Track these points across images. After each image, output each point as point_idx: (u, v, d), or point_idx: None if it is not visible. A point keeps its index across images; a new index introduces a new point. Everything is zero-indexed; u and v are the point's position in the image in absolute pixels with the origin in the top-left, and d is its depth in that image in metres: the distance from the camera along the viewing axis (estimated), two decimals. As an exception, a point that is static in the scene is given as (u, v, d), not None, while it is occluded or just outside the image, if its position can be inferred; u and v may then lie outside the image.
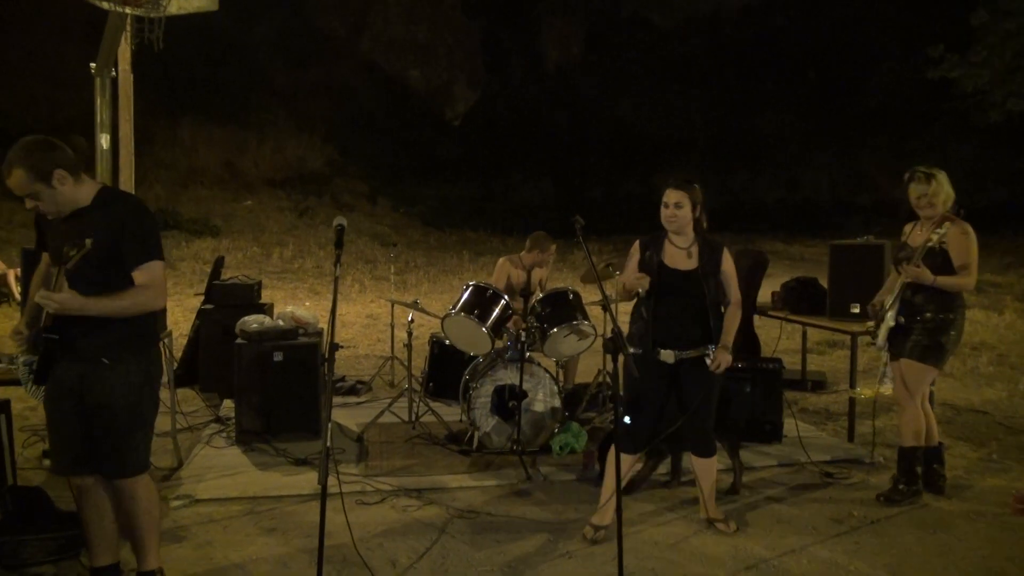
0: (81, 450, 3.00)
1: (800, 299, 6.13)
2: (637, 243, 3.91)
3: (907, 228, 4.50)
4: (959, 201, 4.34)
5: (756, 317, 6.84)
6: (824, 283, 5.98)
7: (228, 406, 5.88)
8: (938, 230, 4.13)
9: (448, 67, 27.86)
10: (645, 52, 28.92)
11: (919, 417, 4.35)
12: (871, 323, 4.54)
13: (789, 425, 5.36)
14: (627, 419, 3.78)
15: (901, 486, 4.35)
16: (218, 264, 7.40)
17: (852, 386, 5.35)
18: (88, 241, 2.83)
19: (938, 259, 4.17)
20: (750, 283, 6.88)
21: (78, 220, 2.92)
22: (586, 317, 5.08)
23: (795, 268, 14.19)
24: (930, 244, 4.13)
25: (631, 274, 3.84)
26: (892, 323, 4.32)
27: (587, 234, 3.63)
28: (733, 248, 4.23)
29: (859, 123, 27.35)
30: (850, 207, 24.79)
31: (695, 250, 3.82)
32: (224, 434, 5.39)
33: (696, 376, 3.76)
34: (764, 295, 6.83)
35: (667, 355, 3.71)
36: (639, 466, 4.36)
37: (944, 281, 4.14)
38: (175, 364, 5.92)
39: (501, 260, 6.11)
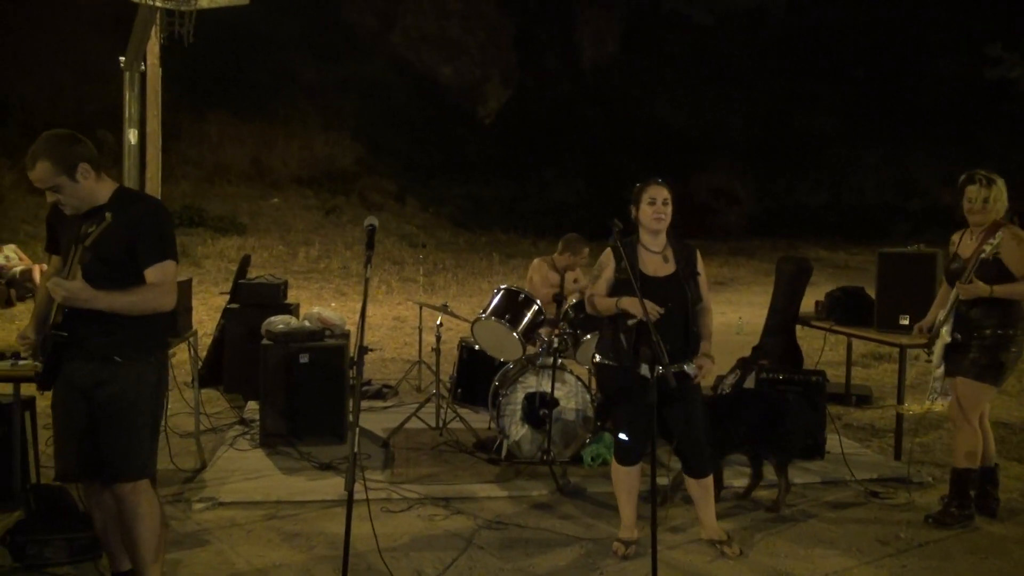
0: (90, 454, 3.00)
1: (845, 309, 6.05)
2: (608, 251, 3.79)
3: (955, 238, 4.41)
4: (1018, 211, 4.25)
5: (799, 327, 6.77)
6: (871, 293, 5.89)
7: (252, 408, 5.94)
8: (991, 240, 4.04)
9: (480, 63, 27.95)
10: (684, 49, 28.76)
11: (974, 437, 4.26)
12: (923, 338, 4.47)
13: (832, 441, 5.29)
14: (623, 436, 3.76)
15: (953, 509, 4.26)
16: (244, 263, 7.47)
17: (900, 401, 5.27)
18: (108, 215, 2.84)
19: (992, 270, 4.08)
20: (793, 291, 6.82)
21: (94, 217, 2.94)
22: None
23: (839, 276, 13.99)
24: (983, 256, 4.04)
25: (604, 285, 3.76)
26: (948, 339, 4.22)
27: (625, 235, 3.63)
28: (775, 255, 4.20)
29: (909, 125, 26.91)
30: (898, 213, 24.42)
31: (670, 253, 3.78)
32: (248, 436, 5.44)
33: (681, 390, 3.64)
34: (807, 304, 6.75)
35: (648, 370, 3.58)
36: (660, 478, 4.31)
37: (1002, 290, 4.05)
38: (199, 364, 5.99)
39: (536, 261, 6.11)
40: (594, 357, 3.92)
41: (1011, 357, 4.16)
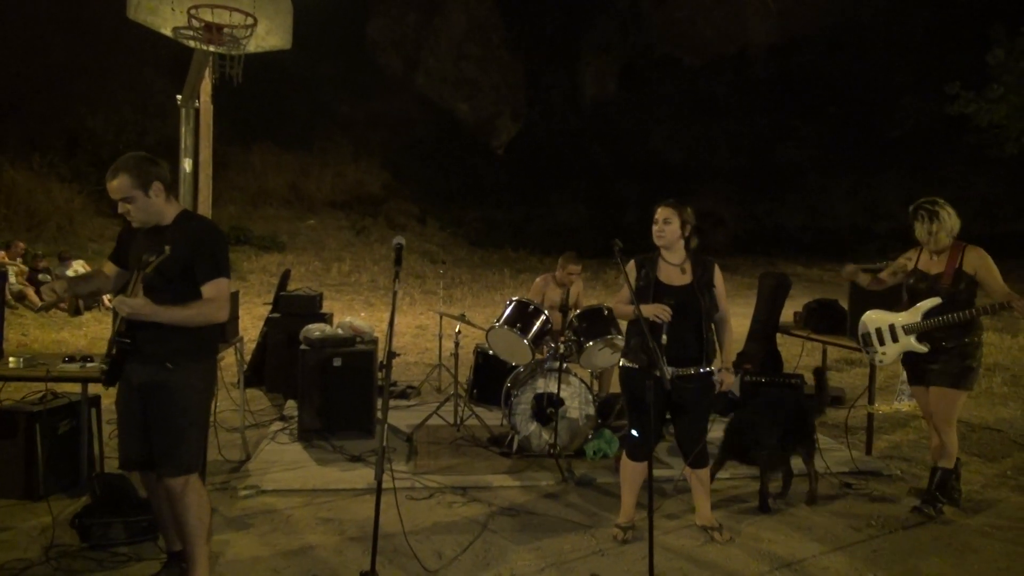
0: (144, 447, 3.01)
1: (821, 319, 6.02)
2: (632, 262, 3.82)
3: (910, 254, 4.32)
4: (975, 230, 4.20)
5: (779, 335, 6.74)
6: (844, 304, 5.86)
7: (291, 406, 5.95)
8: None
9: (494, 101, 28.09)
10: (676, 88, 28.82)
11: (956, 439, 4.21)
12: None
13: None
14: (635, 432, 3.74)
15: (941, 504, 4.19)
16: (285, 277, 7.51)
17: (870, 402, 5.23)
18: (167, 248, 2.87)
19: (963, 283, 4.06)
20: (773, 303, 6.79)
21: (159, 235, 2.97)
22: (619, 332, 5.05)
23: (815, 290, 13.91)
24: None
25: (624, 296, 3.78)
26: (923, 349, 4.13)
27: (624, 255, 3.62)
28: (756, 271, 4.19)
29: (877, 155, 26.85)
30: (867, 234, 24.30)
31: (688, 266, 3.76)
32: (287, 431, 5.44)
33: (691, 392, 3.65)
34: (786, 314, 6.73)
35: (665, 371, 3.53)
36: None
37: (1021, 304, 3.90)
38: (244, 367, 6.02)
39: (538, 278, 6.13)
40: (619, 360, 3.90)
41: (978, 361, 4.13)
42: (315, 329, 5.54)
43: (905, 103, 26.45)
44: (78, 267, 11.62)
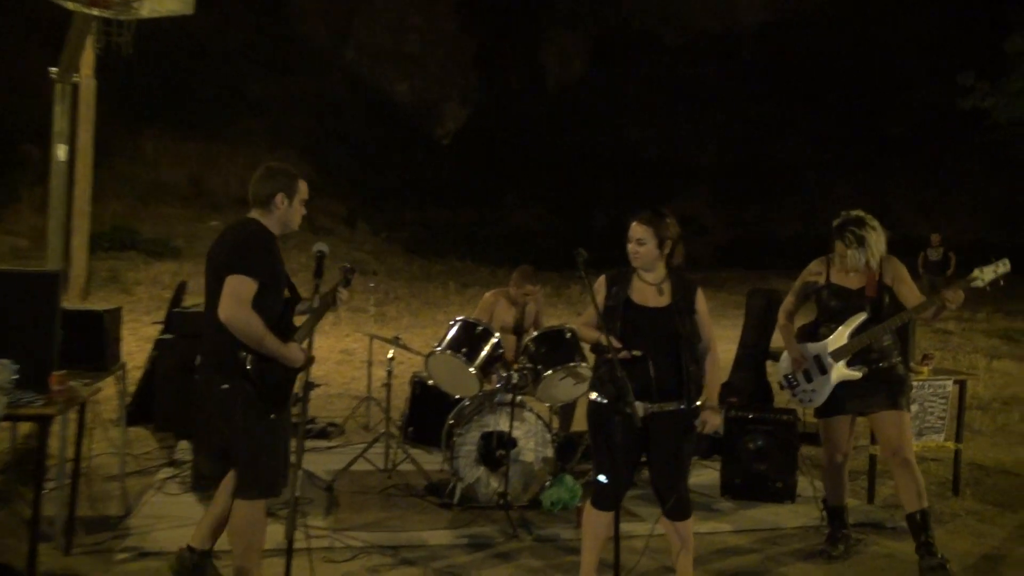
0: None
1: (818, 344, 6.14)
2: (602, 278, 3.85)
3: (817, 267, 4.51)
4: (992, 239, 4.39)
5: (769, 363, 6.85)
6: (844, 328, 6.00)
7: (185, 448, 5.82)
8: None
9: (439, 81, 28.14)
10: (654, 70, 29.33)
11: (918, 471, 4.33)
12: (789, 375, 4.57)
13: (803, 483, 5.34)
14: (602, 477, 3.74)
15: (935, 551, 4.22)
16: (180, 290, 7.37)
17: (873, 442, 5.35)
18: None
19: (887, 296, 4.29)
20: (763, 325, 6.91)
21: None
22: (584, 359, 5.07)
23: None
24: (977, 284, 4.20)
25: (590, 317, 3.81)
26: (857, 374, 4.30)
27: (589, 268, 3.64)
28: (744, 287, 4.26)
29: (883, 154, 27.68)
30: (872, 244, 25.06)
31: (667, 287, 3.78)
32: (179, 479, 5.32)
33: (669, 432, 3.67)
34: (779, 339, 6.84)
35: (637, 407, 3.55)
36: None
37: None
38: (127, 399, 5.86)
39: (487, 294, 6.13)
40: (588, 393, 3.91)
41: (908, 376, 4.41)
42: (216, 354, 5.43)
43: (914, 95, 27.34)
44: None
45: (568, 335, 5.15)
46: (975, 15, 23.32)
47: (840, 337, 4.35)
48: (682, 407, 3.69)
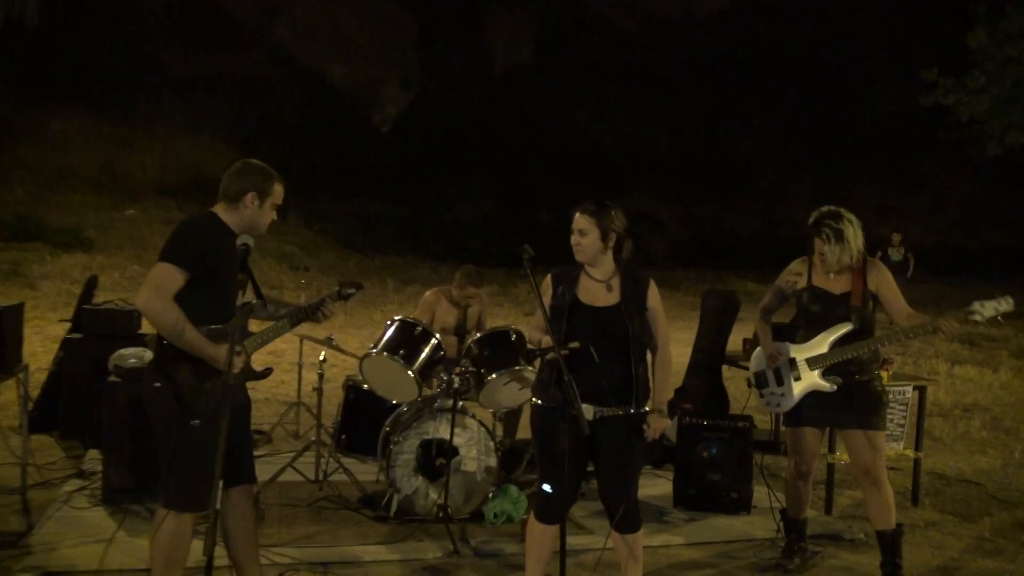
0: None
1: (775, 348, 6.26)
2: (548, 277, 3.88)
3: (799, 267, 4.55)
4: (952, 243, 4.48)
5: (725, 367, 6.97)
6: (802, 331, 6.13)
7: (94, 457, 5.72)
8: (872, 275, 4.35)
9: (377, 63, 27.97)
10: (605, 57, 29.59)
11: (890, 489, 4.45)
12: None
13: (760, 494, 5.44)
14: (546, 487, 3.76)
15: (899, 572, 4.39)
16: (90, 285, 7.26)
17: (831, 450, 5.48)
18: None
19: (870, 304, 4.35)
20: (719, 328, 7.03)
21: None
22: (530, 362, 5.09)
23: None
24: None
25: (540, 318, 3.81)
26: (830, 387, 4.34)
27: (536, 265, 3.66)
28: (700, 287, 4.31)
29: (845, 149, 28.35)
30: (833, 244, 25.64)
31: (616, 283, 3.81)
32: (87, 492, 5.22)
33: (618, 438, 3.70)
34: (735, 342, 6.97)
35: (585, 410, 3.58)
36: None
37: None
38: (30, 405, 5.72)
39: (428, 292, 6.13)
40: (531, 398, 3.92)
41: (884, 391, 4.45)
42: (130, 355, 5.36)
43: (876, 89, 28.04)
44: None
45: (513, 337, 5.17)
46: (940, 7, 24.01)
47: (819, 344, 4.37)
48: (632, 412, 3.72)
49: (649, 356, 3.83)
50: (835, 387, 4.33)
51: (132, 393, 5.12)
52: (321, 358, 5.93)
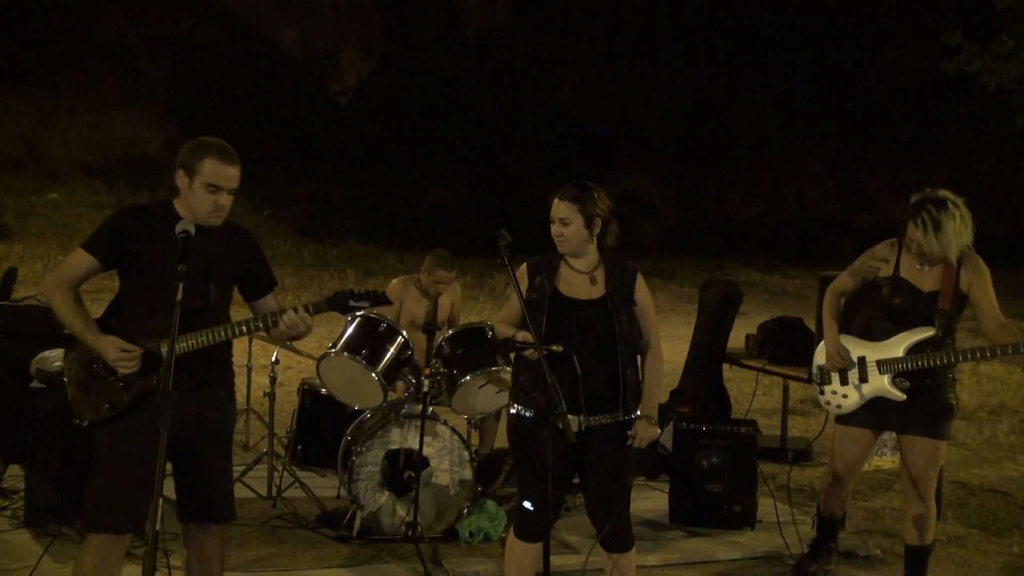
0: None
1: (781, 344, 6.32)
2: (524, 266, 3.89)
3: (885, 252, 4.47)
4: (977, 225, 4.40)
5: (726, 367, 7.02)
6: (811, 324, 6.18)
7: (15, 474, 5.68)
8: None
9: (335, 27, 27.81)
10: (593, 21, 29.53)
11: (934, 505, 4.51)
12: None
13: (765, 507, 5.49)
14: (527, 503, 3.78)
15: None
16: (9, 278, 7.19)
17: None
18: None
19: (958, 306, 4.32)
20: (719, 323, 7.07)
21: None
22: (509, 362, 5.10)
23: (775, 305, 14.59)
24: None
25: (512, 312, 3.82)
26: (900, 396, 4.32)
27: (515, 253, 3.66)
28: (698, 277, 4.33)
29: (857, 125, 28.49)
30: (844, 229, 25.76)
31: (600, 275, 3.83)
32: (8, 512, 5.23)
33: (606, 448, 3.73)
34: (736, 338, 7.02)
35: (570, 421, 3.58)
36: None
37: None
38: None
39: (394, 281, 6.13)
40: (509, 405, 3.92)
41: (957, 398, 4.45)
42: (56, 358, 5.30)
43: (892, 55, 28.20)
44: None
45: (490, 334, 5.19)
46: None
47: (895, 347, 4.32)
48: (621, 418, 3.74)
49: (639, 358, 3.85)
50: (903, 397, 4.30)
51: (58, 400, 5.09)
52: (273, 359, 5.91)
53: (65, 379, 3.45)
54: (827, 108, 28.80)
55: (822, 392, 4.60)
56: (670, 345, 4.04)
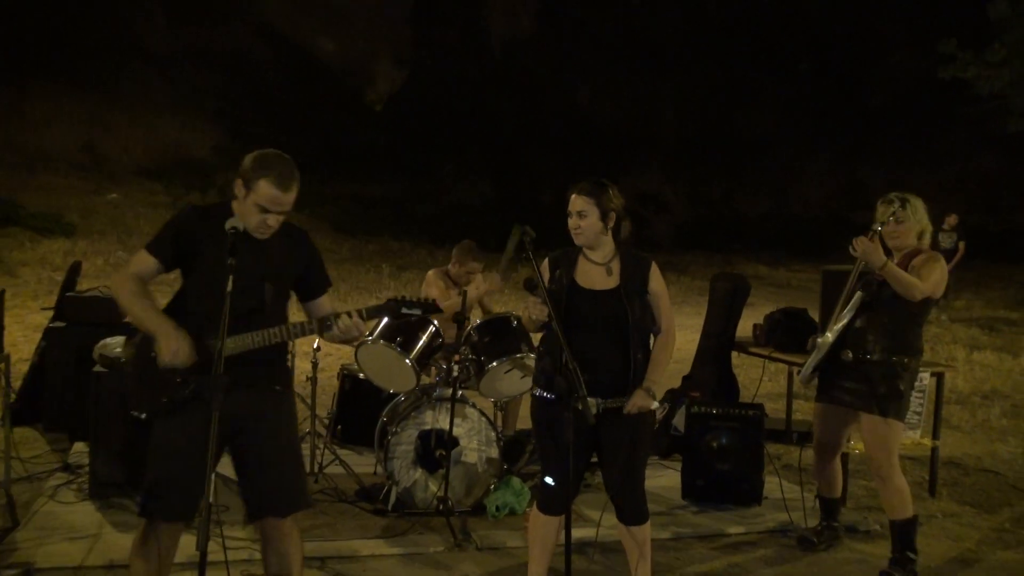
0: None
1: (786, 333, 6.29)
2: (546, 261, 3.90)
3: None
4: (972, 222, 4.51)
5: (734, 354, 7.00)
6: (815, 315, 6.15)
7: (80, 450, 5.73)
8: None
9: (369, 38, 27.86)
10: (610, 29, 29.44)
11: (903, 479, 4.49)
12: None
13: (771, 484, 5.48)
14: (549, 479, 3.79)
15: (911, 565, 4.46)
16: (73, 272, 7.26)
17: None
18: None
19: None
20: (728, 313, 7.05)
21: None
22: (532, 349, 5.12)
23: (781, 296, 14.54)
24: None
25: (535, 303, 3.81)
26: (831, 339, 4.48)
27: (537, 248, 3.67)
28: (708, 271, 4.32)
29: (859, 127, 28.25)
30: (847, 226, 25.61)
31: (616, 266, 3.82)
32: (74, 486, 5.25)
33: (622, 428, 3.73)
34: (744, 328, 7.00)
35: (590, 403, 3.56)
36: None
37: (893, 271, 4.28)
38: (12, 396, 5.74)
39: (430, 274, 6.13)
40: (532, 389, 3.94)
41: (909, 387, 4.47)
42: (116, 344, 5.36)
43: (893, 62, 27.94)
44: None
45: (514, 323, 5.20)
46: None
47: (838, 311, 4.52)
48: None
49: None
50: (843, 357, 4.45)
51: (118, 383, 5.15)
52: (315, 347, 5.95)
53: (128, 376, 3.41)
54: (831, 111, 28.58)
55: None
56: (683, 334, 4.05)
